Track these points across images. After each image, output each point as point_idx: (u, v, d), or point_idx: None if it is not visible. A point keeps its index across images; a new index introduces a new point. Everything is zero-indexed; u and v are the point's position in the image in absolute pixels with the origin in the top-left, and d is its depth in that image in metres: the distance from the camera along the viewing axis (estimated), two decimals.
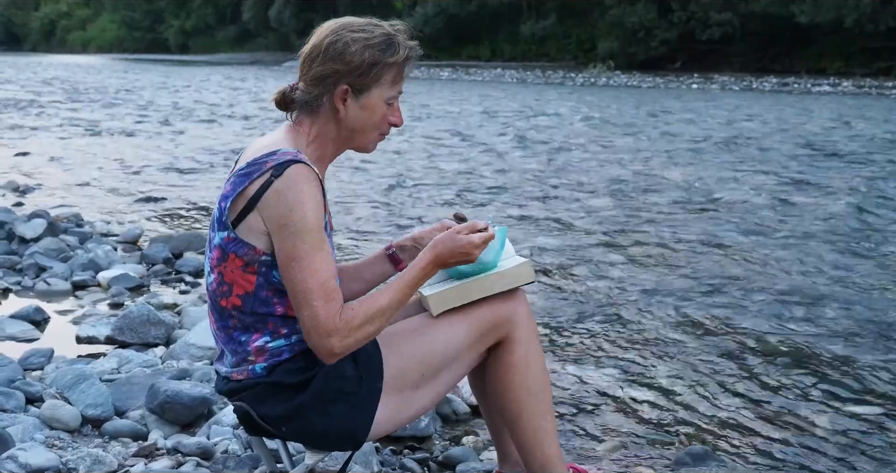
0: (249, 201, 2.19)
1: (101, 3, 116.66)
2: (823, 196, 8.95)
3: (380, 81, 2.29)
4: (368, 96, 2.30)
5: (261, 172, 2.18)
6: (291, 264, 2.17)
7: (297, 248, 2.16)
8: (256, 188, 2.18)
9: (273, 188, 2.16)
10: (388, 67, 2.29)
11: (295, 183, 2.16)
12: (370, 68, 2.27)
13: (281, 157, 2.20)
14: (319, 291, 2.16)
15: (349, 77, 2.27)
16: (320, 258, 2.17)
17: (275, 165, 2.18)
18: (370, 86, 2.29)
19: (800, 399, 3.72)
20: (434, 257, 2.30)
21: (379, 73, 2.28)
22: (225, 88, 30.86)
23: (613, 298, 5.27)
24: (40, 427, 3.11)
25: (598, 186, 9.67)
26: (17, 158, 11.47)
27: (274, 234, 2.18)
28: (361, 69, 2.26)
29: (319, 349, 2.20)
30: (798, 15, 45.41)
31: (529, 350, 2.43)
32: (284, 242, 2.17)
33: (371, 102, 2.31)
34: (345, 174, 10.35)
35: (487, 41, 65.17)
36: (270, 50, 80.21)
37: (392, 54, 2.28)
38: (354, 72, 2.26)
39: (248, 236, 2.21)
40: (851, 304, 5.13)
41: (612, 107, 22.97)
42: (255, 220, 2.19)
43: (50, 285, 5.20)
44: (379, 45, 2.27)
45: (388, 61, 2.28)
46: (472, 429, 3.37)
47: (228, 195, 2.23)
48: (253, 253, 2.22)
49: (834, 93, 30.43)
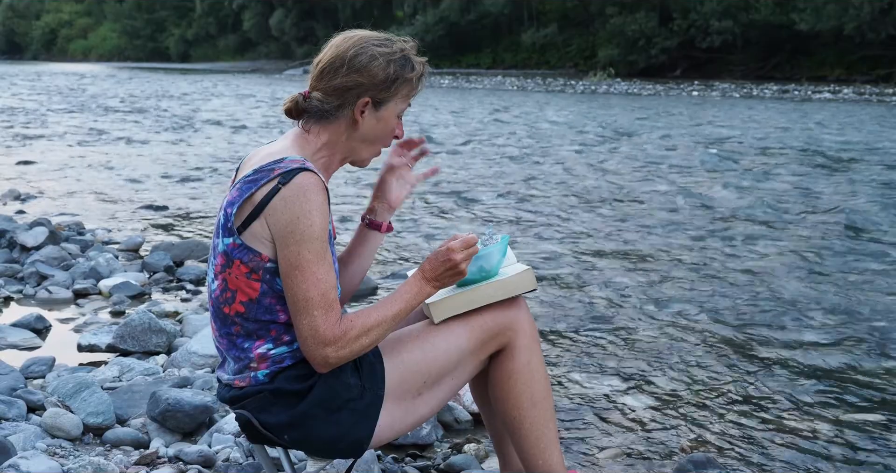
0: (256, 208, 2.20)
1: (102, 11, 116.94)
2: (823, 203, 8.95)
3: (397, 96, 2.34)
4: (385, 109, 2.34)
5: (268, 179, 2.19)
6: (294, 273, 2.17)
7: (301, 256, 2.16)
8: (263, 195, 2.19)
9: (280, 196, 2.17)
10: (407, 81, 2.34)
11: (302, 191, 2.17)
12: (392, 83, 2.31)
13: (289, 164, 2.21)
14: (320, 301, 2.17)
15: (373, 90, 2.30)
16: (323, 268, 2.18)
17: (282, 173, 2.19)
18: (389, 99, 2.33)
19: (801, 406, 3.72)
20: (421, 271, 2.34)
21: (398, 87, 2.33)
22: (226, 97, 30.88)
23: (614, 305, 5.27)
24: (42, 435, 3.11)
25: (598, 193, 9.67)
26: (18, 166, 11.49)
27: (278, 241, 2.19)
28: (385, 83, 2.30)
29: (315, 359, 2.21)
30: (798, 23, 45.50)
31: (531, 358, 2.43)
32: (288, 249, 2.17)
33: (387, 115, 2.35)
34: (344, 181, 10.36)
35: (488, 49, 65.33)
36: (271, 58, 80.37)
37: (411, 70, 2.34)
38: (378, 85, 2.30)
39: (254, 243, 2.22)
40: (852, 311, 5.13)
41: (612, 114, 22.98)
42: (260, 227, 2.20)
43: (51, 294, 5.21)
44: (399, 61, 2.32)
45: (407, 76, 2.33)
46: (474, 437, 3.37)
47: (235, 201, 2.23)
48: (258, 260, 2.22)
49: (835, 100, 30.44)
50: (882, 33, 42.55)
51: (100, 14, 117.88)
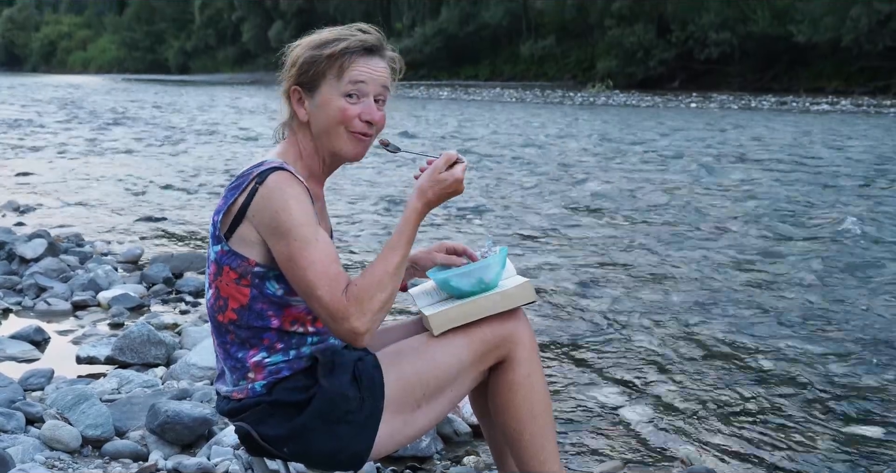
0: (239, 212, 2.23)
1: (101, 23, 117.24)
2: (824, 215, 8.95)
3: (325, 77, 2.31)
4: (320, 94, 2.32)
5: (247, 183, 2.23)
6: (289, 265, 2.19)
7: (291, 246, 2.18)
8: (244, 198, 2.22)
9: (259, 195, 2.20)
10: (329, 59, 2.30)
11: (277, 186, 2.19)
12: (310, 65, 2.31)
13: (265, 166, 2.25)
14: (320, 280, 2.17)
15: (294, 78, 2.33)
16: (315, 249, 2.18)
17: (258, 174, 2.22)
18: (317, 82, 2.32)
19: (801, 419, 3.71)
20: (426, 202, 2.30)
21: (320, 68, 2.31)
22: (225, 108, 30.93)
23: (614, 317, 5.27)
24: (41, 447, 3.10)
25: (596, 204, 9.68)
26: (17, 177, 11.50)
27: (267, 239, 2.21)
28: (302, 68, 2.32)
29: (345, 337, 2.20)
30: (796, 35, 45.61)
31: (531, 370, 2.43)
32: (278, 243, 2.19)
33: (324, 99, 2.32)
34: (342, 193, 10.37)
35: (487, 61, 65.46)
36: (270, 70, 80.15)
37: (332, 46, 2.30)
38: (297, 72, 2.32)
39: (241, 248, 2.23)
40: (852, 323, 5.13)
41: (610, 125, 23.02)
42: (246, 229, 2.22)
43: (50, 306, 5.20)
44: (319, 44, 2.32)
45: (324, 54, 2.30)
46: (473, 449, 3.36)
47: (220, 209, 2.28)
48: (246, 265, 2.23)
49: (832, 111, 30.49)
50: (879, 45, 42.65)
51: (99, 26, 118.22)
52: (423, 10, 69.33)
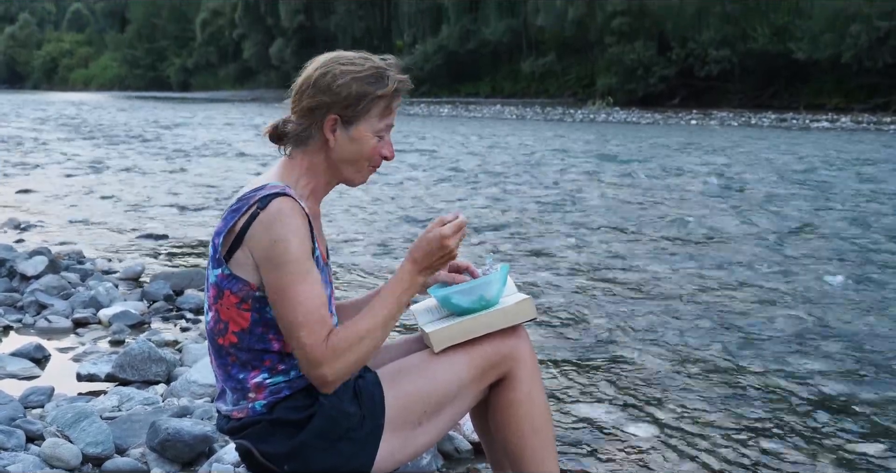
0: (237, 236, 2.23)
1: (103, 41, 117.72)
2: (823, 232, 8.96)
3: (368, 114, 2.32)
4: (357, 128, 2.32)
5: (248, 207, 2.23)
6: (276, 298, 2.19)
7: (281, 280, 2.17)
8: (243, 223, 2.22)
9: (258, 220, 2.20)
10: (377, 99, 2.32)
11: (278, 215, 2.18)
12: (358, 100, 2.30)
13: (268, 190, 2.23)
14: (304, 322, 2.17)
15: (337, 108, 2.30)
16: (304, 289, 2.18)
17: (260, 199, 2.21)
18: (359, 118, 2.32)
19: (803, 437, 3.70)
20: (412, 261, 2.30)
21: (367, 106, 2.31)
22: (226, 125, 30.99)
23: (615, 335, 5.26)
24: (41, 465, 3.09)
25: (597, 222, 9.68)
26: (18, 195, 11.51)
27: (261, 267, 2.21)
28: (349, 101, 2.29)
29: (314, 380, 2.21)
30: (796, 52, 45.78)
31: (532, 387, 2.43)
32: (270, 274, 2.19)
33: (360, 134, 2.33)
34: (340, 210, 10.37)
35: (487, 78, 65.67)
36: (271, 87, 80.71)
37: (380, 87, 2.31)
38: (342, 103, 2.29)
39: (240, 272, 2.23)
40: (854, 341, 5.12)
41: (611, 142, 23.05)
42: (243, 254, 2.22)
43: (51, 323, 5.20)
44: (367, 78, 2.30)
45: (376, 94, 2.31)
46: (474, 466, 3.35)
47: (220, 231, 2.27)
48: (248, 289, 2.23)
49: (833, 129, 30.55)
50: (879, 62, 42.81)
51: (101, 43, 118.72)
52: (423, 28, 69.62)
